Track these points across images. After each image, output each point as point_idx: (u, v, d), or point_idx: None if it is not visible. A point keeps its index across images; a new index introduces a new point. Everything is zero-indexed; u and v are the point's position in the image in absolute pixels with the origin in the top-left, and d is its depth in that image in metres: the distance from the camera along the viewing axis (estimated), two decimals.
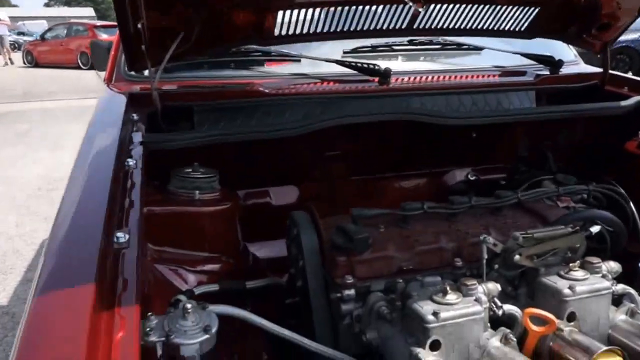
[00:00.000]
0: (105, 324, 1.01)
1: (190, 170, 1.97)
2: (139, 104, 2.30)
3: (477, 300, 1.44)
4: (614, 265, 1.66)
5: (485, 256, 1.59)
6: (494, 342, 1.43)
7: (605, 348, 1.37)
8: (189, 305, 1.33)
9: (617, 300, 1.63)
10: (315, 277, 1.73)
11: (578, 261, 1.61)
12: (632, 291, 1.66)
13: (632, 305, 1.60)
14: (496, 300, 1.53)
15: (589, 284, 1.54)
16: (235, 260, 2.04)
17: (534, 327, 1.44)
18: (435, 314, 1.36)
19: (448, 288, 1.45)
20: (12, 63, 24.33)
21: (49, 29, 25.51)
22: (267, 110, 2.39)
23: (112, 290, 1.12)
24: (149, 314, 1.31)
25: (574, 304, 1.51)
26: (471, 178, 2.83)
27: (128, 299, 1.11)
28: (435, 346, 1.36)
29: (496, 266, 1.62)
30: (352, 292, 1.62)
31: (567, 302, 1.51)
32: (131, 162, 1.78)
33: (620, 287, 1.65)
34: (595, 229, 1.76)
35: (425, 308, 1.38)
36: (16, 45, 31.79)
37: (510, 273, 1.64)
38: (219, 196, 1.99)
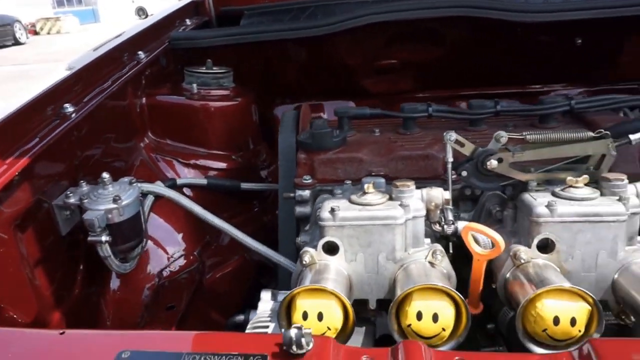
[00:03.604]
0: None
1: (201, 67, 1.98)
2: (198, 12, 2.43)
3: (402, 205, 1.14)
4: None
5: (450, 158, 1.24)
6: (417, 257, 1.12)
7: (555, 286, 0.96)
8: (106, 175, 1.38)
9: None
10: (284, 177, 1.61)
11: (585, 175, 1.14)
12: None
13: None
14: (448, 213, 1.20)
15: (587, 205, 1.08)
16: (243, 160, 2.01)
17: (477, 249, 1.08)
18: (332, 211, 1.13)
19: (370, 187, 1.18)
20: None
21: None
22: (314, 12, 2.24)
23: None
24: (82, 181, 1.41)
25: (552, 229, 1.08)
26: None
27: None
28: (330, 248, 1.14)
29: (464, 173, 1.24)
30: (306, 193, 1.46)
31: (539, 224, 1.09)
32: (142, 54, 1.89)
33: None
34: (637, 136, 1.20)
35: (327, 206, 1.15)
36: None
37: (487, 185, 1.25)
38: (228, 93, 1.97)
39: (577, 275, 1.09)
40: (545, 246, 1.10)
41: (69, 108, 1.45)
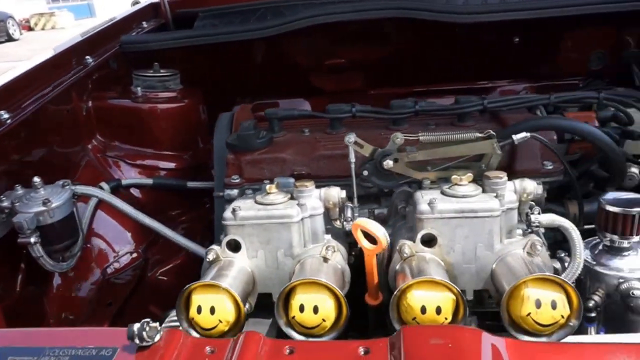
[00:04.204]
0: None
1: (148, 70, 2.05)
2: (157, 14, 2.50)
3: (299, 204, 1.22)
4: (528, 185, 1.20)
5: (352, 159, 1.32)
6: (313, 252, 1.21)
7: (421, 278, 1.04)
8: (37, 179, 1.47)
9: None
10: (218, 177, 1.69)
11: (469, 174, 1.21)
12: (567, 224, 1.18)
13: (536, 238, 1.15)
14: (347, 210, 1.28)
15: (464, 202, 1.16)
16: (193, 159, 2.09)
17: (365, 244, 1.16)
18: (233, 211, 1.21)
19: (273, 188, 1.26)
20: None
21: None
22: (264, 13, 2.31)
23: None
24: (17, 185, 1.49)
25: (433, 225, 1.16)
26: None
27: None
28: (233, 245, 1.22)
29: (365, 172, 1.32)
30: (234, 192, 1.54)
31: (421, 220, 1.17)
32: (89, 59, 1.97)
33: (547, 218, 1.19)
34: (519, 137, 1.27)
35: (231, 206, 1.24)
36: None
37: (386, 183, 1.33)
38: (174, 95, 2.04)
39: (459, 267, 1.18)
40: (430, 240, 1.18)
41: (4, 115, 1.53)
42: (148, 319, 0.78)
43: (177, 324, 1.20)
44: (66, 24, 20.83)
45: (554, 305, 1.00)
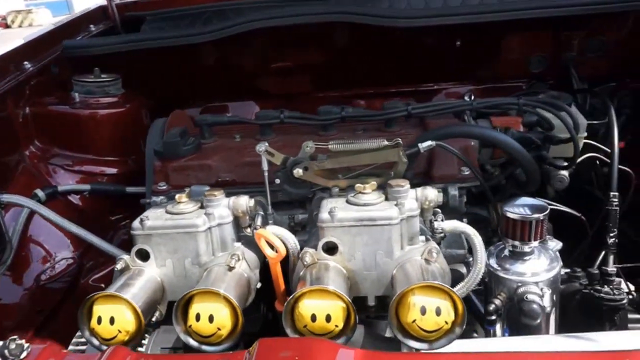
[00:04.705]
0: None
1: (89, 75, 2.05)
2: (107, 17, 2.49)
3: (207, 214, 1.24)
4: (430, 193, 1.23)
5: (266, 167, 1.34)
6: (220, 261, 1.23)
7: (312, 288, 1.06)
8: None
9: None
10: (148, 184, 1.70)
11: (373, 182, 1.24)
12: (468, 230, 1.21)
13: (434, 245, 1.18)
14: (258, 218, 1.30)
15: (363, 210, 1.18)
16: (136, 164, 2.09)
17: (268, 252, 1.19)
18: (141, 221, 1.23)
19: (183, 197, 1.28)
20: None
21: None
22: (210, 17, 2.31)
23: None
24: None
25: (333, 233, 1.19)
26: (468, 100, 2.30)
27: None
28: (143, 255, 1.24)
29: (277, 181, 1.34)
30: (160, 199, 1.55)
31: (322, 229, 1.19)
32: (27, 64, 1.95)
33: (449, 225, 1.22)
34: (425, 145, 1.30)
35: (140, 216, 1.25)
36: None
37: (298, 191, 1.35)
38: (115, 100, 2.03)
39: (361, 273, 1.20)
40: (332, 248, 1.20)
41: None
42: (15, 336, 0.79)
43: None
44: (44, 21, 20.45)
45: (438, 312, 1.03)
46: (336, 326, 1.06)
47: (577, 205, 1.70)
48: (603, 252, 1.63)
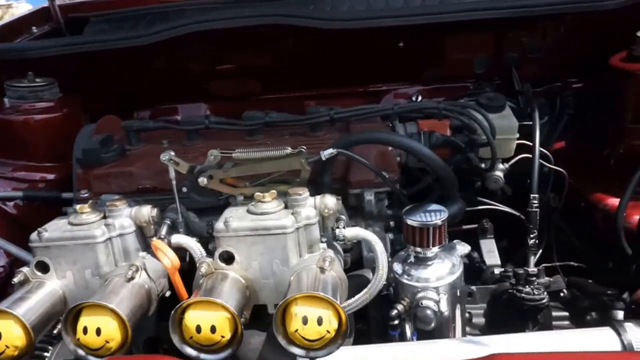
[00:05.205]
0: None
1: (22, 80, 2.02)
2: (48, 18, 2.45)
3: (106, 224, 1.24)
4: (329, 201, 1.24)
5: (173, 176, 1.34)
6: (120, 271, 1.23)
7: (197, 299, 1.07)
8: None
9: None
10: (75, 191, 1.69)
11: (273, 191, 1.24)
12: (370, 237, 1.22)
13: (328, 253, 1.18)
14: (164, 227, 1.30)
15: (258, 219, 1.19)
16: (71, 169, 2.07)
17: (165, 262, 1.19)
18: (39, 233, 1.22)
19: (85, 207, 1.28)
20: None
21: None
22: (153, 19, 2.29)
23: None
24: None
25: (229, 242, 1.19)
26: (417, 100, 2.31)
27: None
28: (42, 267, 1.24)
29: (184, 189, 1.34)
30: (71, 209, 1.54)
31: (218, 238, 1.20)
32: None
33: (351, 232, 1.23)
34: (327, 152, 1.31)
35: (39, 228, 1.25)
36: None
37: (205, 199, 1.36)
38: (50, 105, 2.01)
39: (259, 282, 1.21)
40: (229, 258, 1.21)
41: None
42: None
43: None
44: None
45: (320, 322, 1.03)
46: (222, 337, 1.06)
47: (524, 205, 1.71)
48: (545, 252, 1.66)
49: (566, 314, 1.62)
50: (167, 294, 1.31)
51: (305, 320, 1.03)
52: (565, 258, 1.97)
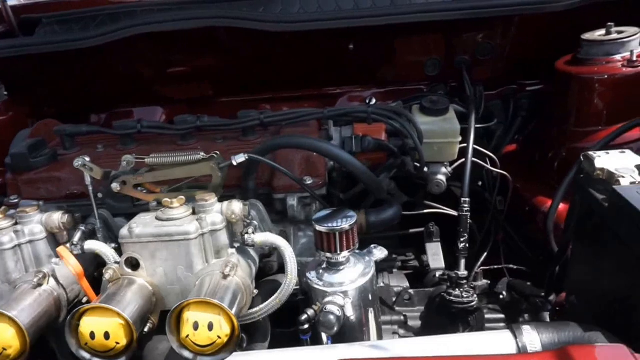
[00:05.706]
0: None
1: None
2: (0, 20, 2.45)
3: (16, 232, 1.25)
4: (235, 207, 1.25)
5: (89, 181, 1.34)
6: (28, 278, 1.23)
7: (90, 306, 1.08)
8: None
9: None
10: None
11: (181, 197, 1.25)
12: (279, 242, 1.23)
13: (231, 259, 1.19)
14: (77, 234, 1.31)
15: (161, 226, 1.20)
16: None
17: (70, 267, 1.20)
18: None
19: None
20: None
21: None
22: (104, 20, 2.29)
23: None
24: None
25: (134, 249, 1.20)
26: (371, 103, 2.31)
27: None
28: None
29: (100, 195, 1.35)
30: (11, 213, 1.55)
31: (123, 245, 1.20)
32: None
33: (261, 237, 1.24)
34: (238, 158, 1.32)
35: None
36: None
37: (120, 205, 1.36)
38: None
39: (165, 288, 1.22)
40: (135, 264, 1.21)
41: None
42: None
43: None
44: None
45: (210, 327, 1.04)
46: (117, 343, 1.07)
47: (474, 208, 1.72)
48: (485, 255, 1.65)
49: (502, 316, 1.63)
50: (84, 299, 1.32)
51: (196, 326, 1.04)
52: (513, 261, 1.98)
